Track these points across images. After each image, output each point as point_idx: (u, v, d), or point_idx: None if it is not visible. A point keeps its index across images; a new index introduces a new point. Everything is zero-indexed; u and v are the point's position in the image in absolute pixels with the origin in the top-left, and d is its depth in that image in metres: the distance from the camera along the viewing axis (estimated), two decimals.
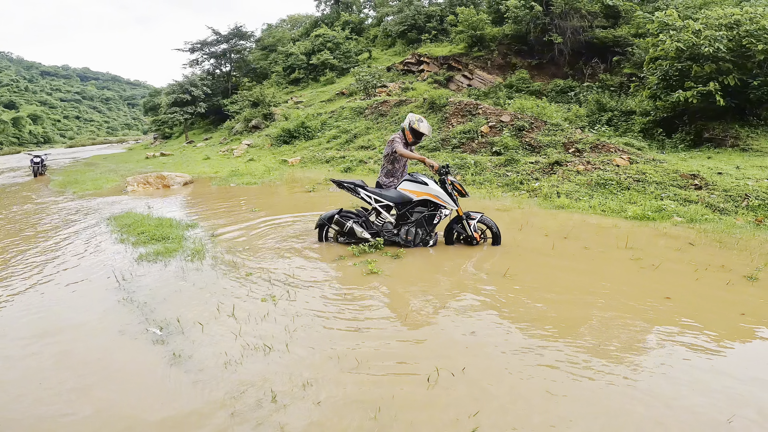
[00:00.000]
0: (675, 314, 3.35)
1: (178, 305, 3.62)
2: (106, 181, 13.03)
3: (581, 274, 4.22)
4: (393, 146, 5.11)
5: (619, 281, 4.03)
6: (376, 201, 5.06)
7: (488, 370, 2.65)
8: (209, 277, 4.24)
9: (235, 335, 3.07)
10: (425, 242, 5.06)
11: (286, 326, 3.20)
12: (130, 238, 5.80)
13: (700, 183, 7.84)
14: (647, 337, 3.04)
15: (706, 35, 11.67)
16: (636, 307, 3.45)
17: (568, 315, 3.34)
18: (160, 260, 4.79)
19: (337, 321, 3.29)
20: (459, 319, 3.29)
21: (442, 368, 2.65)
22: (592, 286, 3.91)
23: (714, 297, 3.68)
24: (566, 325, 3.17)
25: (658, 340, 2.98)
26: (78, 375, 2.72)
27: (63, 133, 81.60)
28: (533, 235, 5.60)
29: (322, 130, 17.76)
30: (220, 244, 5.44)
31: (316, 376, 2.61)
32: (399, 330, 3.15)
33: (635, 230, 5.87)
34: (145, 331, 3.19)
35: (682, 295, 3.71)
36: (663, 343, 2.95)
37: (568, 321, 3.24)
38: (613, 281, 4.03)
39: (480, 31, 24.27)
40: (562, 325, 3.17)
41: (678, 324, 3.20)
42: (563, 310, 3.43)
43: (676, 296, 3.66)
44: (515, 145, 10.47)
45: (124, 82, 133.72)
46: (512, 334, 3.06)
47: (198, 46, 34.20)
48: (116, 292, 3.96)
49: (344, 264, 4.55)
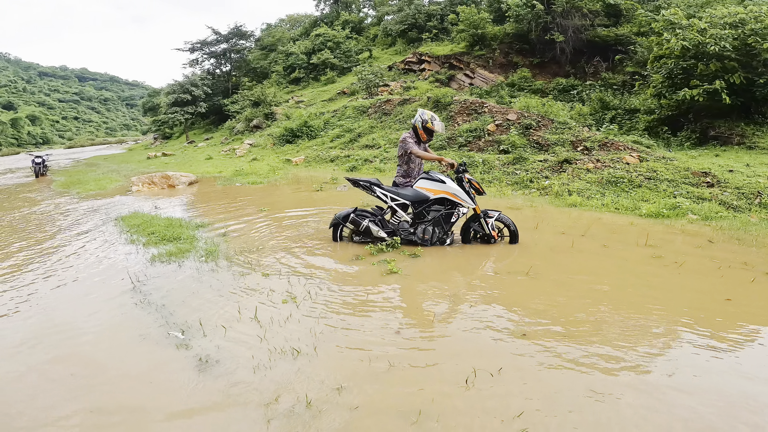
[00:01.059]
0: (735, 315, 3.28)
1: (196, 307, 3.54)
2: (110, 182, 12.92)
3: (606, 273, 4.15)
4: (406, 146, 5.01)
5: (647, 280, 3.96)
6: (392, 199, 4.98)
7: (526, 371, 2.58)
8: (225, 278, 4.16)
9: (260, 338, 2.99)
10: (442, 241, 4.99)
11: (311, 328, 3.12)
12: (141, 238, 5.71)
13: (712, 180, 7.78)
14: (684, 336, 2.98)
15: (711, 34, 11.66)
16: (675, 306, 3.39)
17: (601, 313, 3.27)
18: (174, 261, 4.71)
19: (362, 322, 3.22)
20: (487, 319, 3.21)
21: (479, 369, 2.58)
22: (620, 285, 3.83)
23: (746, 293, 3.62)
24: (603, 326, 3.11)
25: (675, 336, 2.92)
26: (103, 382, 2.64)
27: (62, 133, 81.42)
28: (550, 233, 5.53)
29: (325, 130, 17.66)
30: (232, 244, 5.36)
31: (350, 380, 2.54)
32: (428, 330, 3.08)
33: (651, 228, 5.81)
34: (166, 335, 3.11)
35: (717, 293, 3.65)
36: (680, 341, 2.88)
37: (604, 321, 3.17)
38: (640, 280, 3.96)
39: (481, 29, 24.22)
40: (598, 325, 3.10)
41: (739, 325, 3.13)
42: (597, 310, 3.36)
43: (705, 295, 3.60)
44: (523, 144, 10.40)
45: (123, 83, 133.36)
46: (547, 334, 2.99)
47: (198, 46, 34.04)
48: (132, 295, 3.88)
49: (362, 263, 4.48)
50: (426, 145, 5.27)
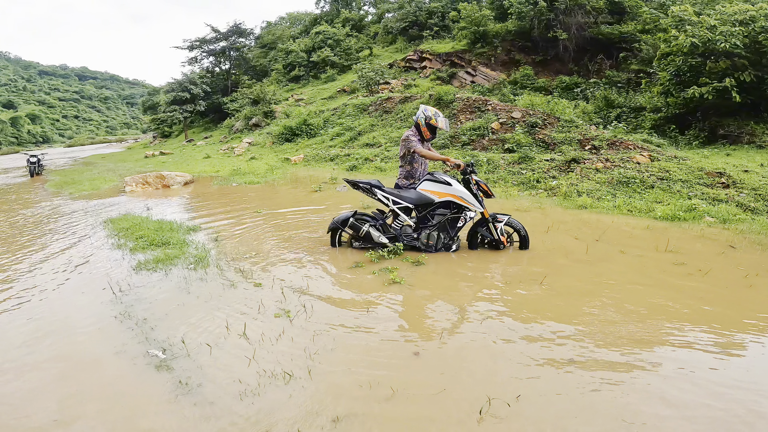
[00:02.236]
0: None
1: (181, 322, 3.23)
2: (104, 182, 12.62)
3: (627, 283, 3.82)
4: (409, 145, 4.68)
5: (674, 291, 3.63)
6: (394, 203, 4.66)
7: (548, 399, 2.27)
8: (215, 288, 3.85)
9: (248, 359, 2.68)
10: (447, 247, 4.67)
11: (306, 347, 2.81)
12: (128, 243, 5.40)
13: (727, 181, 7.47)
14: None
15: (721, 31, 11.37)
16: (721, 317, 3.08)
17: (630, 331, 2.96)
18: (160, 269, 4.39)
19: (362, 340, 2.91)
20: (501, 338, 2.90)
21: (494, 397, 2.27)
22: (645, 298, 3.51)
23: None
24: (633, 345, 2.79)
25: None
26: (66, 406, 2.34)
27: (62, 132, 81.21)
28: (562, 237, 5.21)
29: (324, 128, 17.35)
30: (224, 250, 5.05)
31: (348, 409, 2.23)
32: (435, 351, 2.77)
33: (669, 232, 5.49)
34: (145, 354, 2.80)
35: (754, 306, 3.33)
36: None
37: (633, 339, 2.86)
38: (667, 291, 3.63)
39: (483, 27, 23.90)
40: (628, 344, 2.79)
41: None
42: (626, 327, 3.04)
43: (741, 309, 3.29)
44: (528, 142, 10.07)
45: (123, 81, 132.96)
46: (569, 355, 2.68)
47: (197, 44, 33.71)
48: (112, 306, 3.57)
49: (362, 272, 4.16)
50: (429, 144, 4.95)
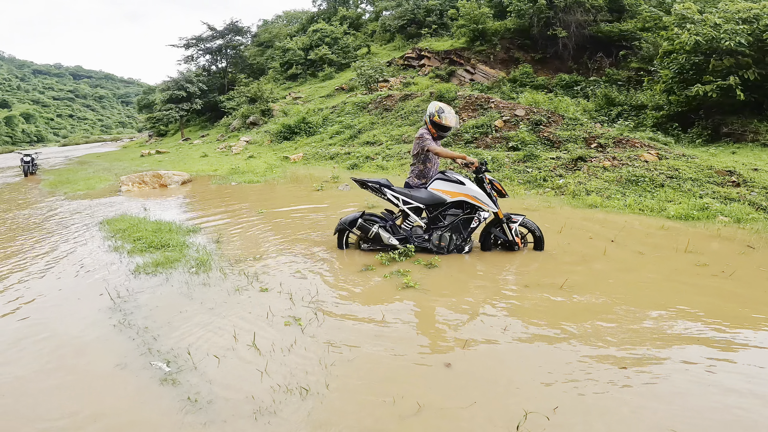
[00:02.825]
0: None
1: (185, 331, 3.03)
2: (100, 181, 12.35)
3: (652, 285, 3.66)
4: (424, 144, 4.48)
5: (700, 294, 3.48)
6: (404, 203, 4.48)
7: (589, 409, 2.10)
8: (219, 293, 3.65)
9: (260, 372, 2.50)
10: (460, 249, 4.49)
11: (321, 359, 2.63)
12: (125, 245, 5.18)
13: (738, 180, 7.34)
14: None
15: (725, 29, 11.28)
16: None
17: (669, 336, 2.80)
18: (160, 272, 4.19)
19: (381, 350, 2.73)
20: (529, 346, 2.73)
21: (530, 410, 2.10)
22: (673, 300, 3.35)
23: None
24: (677, 351, 2.63)
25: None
26: (63, 427, 2.15)
27: (56, 131, 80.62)
28: (576, 237, 5.05)
29: (323, 126, 17.13)
30: (226, 252, 4.84)
31: (372, 426, 2.05)
32: (461, 361, 2.59)
33: (684, 232, 5.35)
34: (148, 366, 2.61)
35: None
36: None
37: (677, 339, 2.70)
38: (693, 295, 3.48)
39: (482, 25, 23.77)
40: (667, 349, 2.63)
41: None
42: (660, 330, 2.88)
43: None
44: (533, 140, 9.92)
45: (118, 80, 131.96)
46: (605, 362, 2.50)
47: (193, 42, 33.39)
48: (111, 314, 3.37)
49: (373, 276, 3.98)
50: (439, 142, 4.74)
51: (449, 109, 4.54)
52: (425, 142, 4.45)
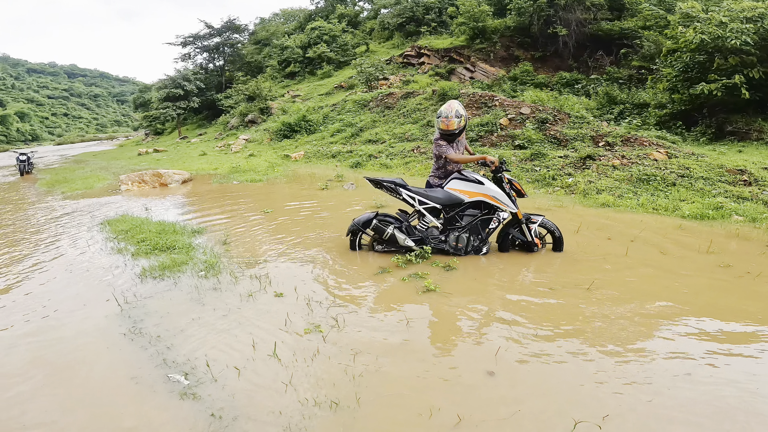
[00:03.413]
0: None
1: (200, 339, 2.88)
2: (98, 180, 12.13)
3: (682, 287, 3.54)
4: (440, 150, 4.34)
5: (732, 291, 3.37)
6: (420, 203, 4.34)
7: (639, 417, 1.98)
8: (231, 299, 3.50)
9: (284, 384, 2.35)
10: (477, 250, 4.36)
11: (347, 369, 2.49)
12: (129, 247, 5.01)
13: (749, 179, 7.26)
14: None
15: (732, 28, 11.23)
16: None
17: (720, 339, 2.68)
18: (168, 276, 4.03)
19: (409, 358, 2.59)
20: (569, 352, 2.60)
21: (580, 420, 1.97)
22: (705, 299, 3.24)
23: None
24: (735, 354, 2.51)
25: None
26: None
27: (51, 130, 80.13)
28: (594, 238, 4.93)
29: (324, 124, 16.94)
30: (235, 254, 4.69)
31: None
32: (497, 368, 2.46)
33: (702, 231, 5.24)
34: (166, 379, 2.46)
35: None
36: None
37: (729, 339, 2.58)
38: (724, 291, 3.37)
39: (482, 23, 23.62)
40: (720, 350, 2.51)
41: None
42: (704, 334, 2.76)
43: None
44: (540, 139, 9.80)
45: (113, 79, 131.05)
46: (650, 368, 2.37)
47: (190, 40, 33.08)
48: (119, 321, 3.21)
49: (391, 279, 3.84)
50: (457, 142, 4.55)
51: (446, 108, 4.27)
52: (442, 149, 4.32)
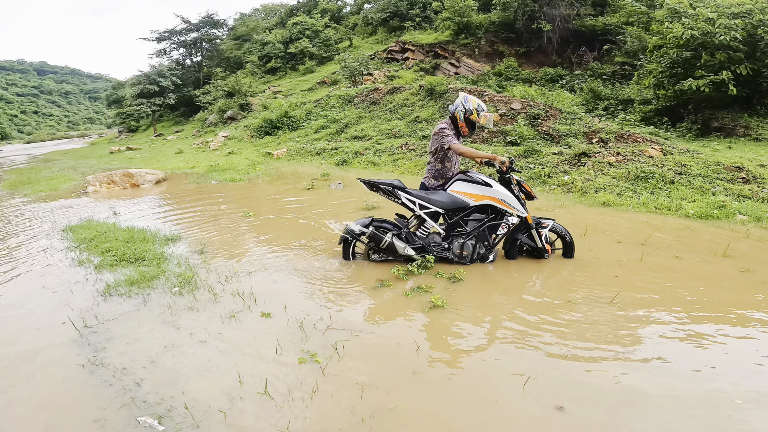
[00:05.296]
0: None
1: (175, 373, 2.43)
2: (64, 181, 11.34)
3: (707, 295, 3.25)
4: (444, 140, 3.93)
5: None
6: (421, 207, 3.94)
7: None
8: (211, 321, 3.03)
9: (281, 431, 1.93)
10: (483, 258, 4.00)
11: (353, 408, 2.08)
12: (92, 258, 4.46)
13: (747, 176, 7.12)
14: None
15: (720, 23, 11.21)
16: None
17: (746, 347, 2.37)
18: (136, 294, 3.52)
19: (424, 391, 2.19)
20: (604, 378, 2.25)
21: None
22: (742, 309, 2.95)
23: None
24: None
25: None
26: None
27: (20, 128, 77.96)
28: (602, 241, 4.64)
29: (307, 120, 16.39)
30: (214, 266, 4.19)
31: None
32: (526, 399, 2.09)
33: (709, 232, 5.02)
34: (135, 423, 2.01)
35: None
36: None
37: None
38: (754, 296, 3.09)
39: (466, 18, 23.39)
40: None
41: None
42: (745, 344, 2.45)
43: None
44: (532, 135, 9.54)
45: (85, 76, 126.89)
46: (722, 388, 2.05)
47: (166, 35, 31.92)
48: (77, 349, 2.72)
49: (391, 293, 3.43)
50: (462, 140, 4.20)
51: (480, 102, 4.04)
52: (446, 138, 3.90)
